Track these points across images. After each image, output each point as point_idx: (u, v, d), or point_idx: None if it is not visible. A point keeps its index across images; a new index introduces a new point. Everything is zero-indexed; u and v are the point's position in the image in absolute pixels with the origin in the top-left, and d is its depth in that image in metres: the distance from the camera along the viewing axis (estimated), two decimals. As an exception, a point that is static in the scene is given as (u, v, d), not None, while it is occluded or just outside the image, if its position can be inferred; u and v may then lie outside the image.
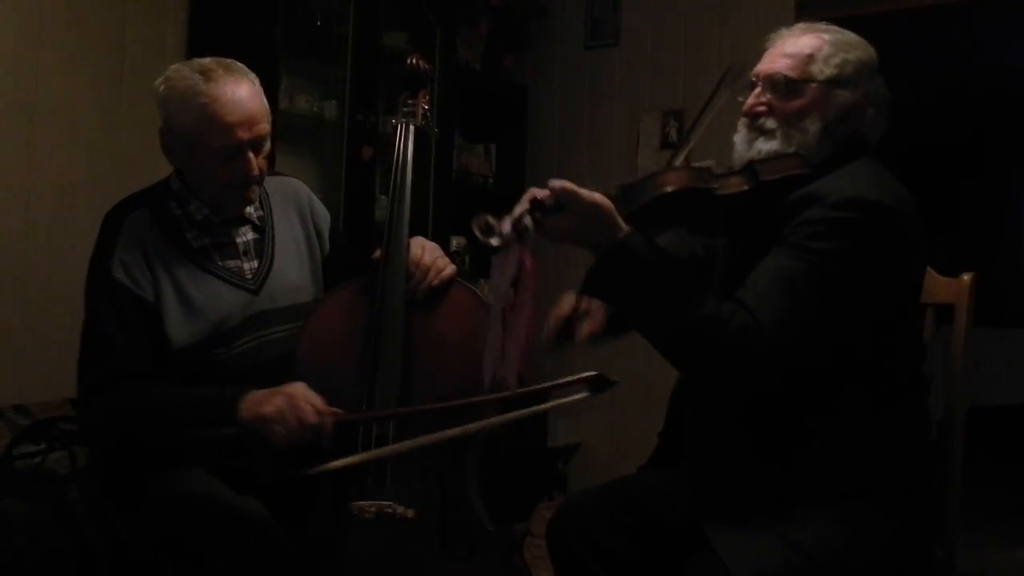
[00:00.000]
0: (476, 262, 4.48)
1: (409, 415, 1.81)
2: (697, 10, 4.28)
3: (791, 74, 1.70)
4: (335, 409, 1.75)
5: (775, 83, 1.72)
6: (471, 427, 1.77)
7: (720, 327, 1.49)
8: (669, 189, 1.59)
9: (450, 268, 1.97)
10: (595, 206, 1.53)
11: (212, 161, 1.88)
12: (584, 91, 4.62)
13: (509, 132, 4.71)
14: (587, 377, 1.73)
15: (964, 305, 1.90)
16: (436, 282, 1.93)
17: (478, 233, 1.51)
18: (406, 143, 2.05)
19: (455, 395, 1.80)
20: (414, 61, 2.10)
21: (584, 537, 1.84)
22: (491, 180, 4.63)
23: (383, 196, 3.83)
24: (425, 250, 1.96)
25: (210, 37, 3.38)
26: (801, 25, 1.81)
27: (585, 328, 1.87)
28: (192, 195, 1.95)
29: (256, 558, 1.69)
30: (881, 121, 1.76)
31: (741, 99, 1.78)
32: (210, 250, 1.95)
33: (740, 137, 1.74)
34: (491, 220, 1.52)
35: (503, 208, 1.59)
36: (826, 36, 1.74)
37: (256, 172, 1.90)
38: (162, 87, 1.90)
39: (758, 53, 1.80)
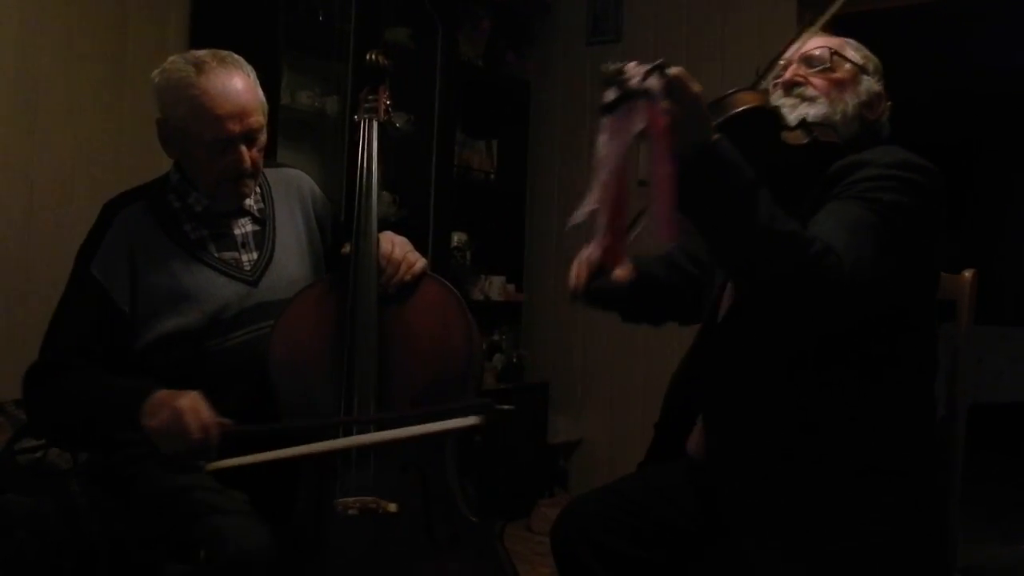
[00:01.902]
0: (476, 258, 4.49)
1: (292, 431, 1.82)
2: (699, 7, 4.28)
3: (832, 49, 1.78)
4: (224, 420, 1.75)
5: (815, 58, 1.78)
6: (374, 436, 1.80)
7: (807, 244, 1.47)
8: (752, 104, 1.62)
9: (421, 262, 1.97)
10: (701, 100, 1.47)
11: (204, 153, 1.89)
12: (586, 87, 4.62)
13: (511, 128, 4.72)
14: (480, 404, 1.79)
15: (966, 302, 1.90)
16: (408, 277, 1.94)
17: (612, 75, 1.40)
18: (370, 139, 2.04)
19: (432, 388, 1.85)
20: (373, 57, 2.10)
21: (587, 540, 1.84)
22: (493, 176, 4.64)
23: (385, 192, 3.83)
24: (395, 245, 1.96)
25: (212, 32, 3.38)
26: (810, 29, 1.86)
27: (621, 271, 1.86)
28: (191, 187, 1.96)
29: (239, 551, 1.69)
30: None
31: (764, 85, 1.80)
32: (207, 241, 1.96)
33: (779, 103, 1.75)
34: (624, 67, 1.40)
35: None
36: (844, 38, 1.82)
37: (248, 165, 1.90)
38: (158, 78, 1.92)
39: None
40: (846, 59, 1.78)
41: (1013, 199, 8.20)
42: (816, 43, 1.81)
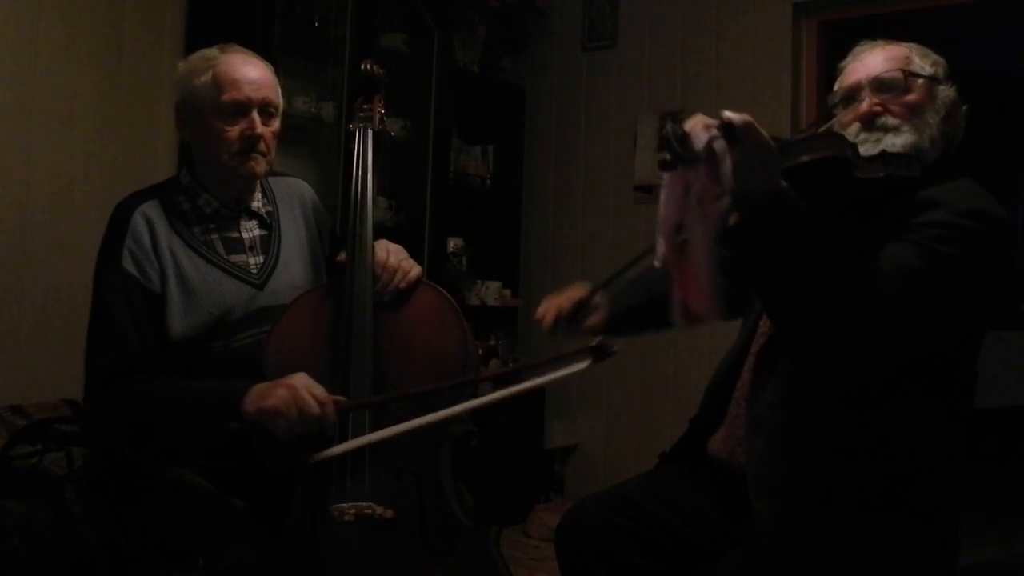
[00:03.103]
0: (473, 263, 4.49)
1: (410, 397, 1.83)
2: (694, 12, 4.29)
3: (903, 69, 1.72)
4: (337, 397, 1.76)
5: (888, 82, 1.72)
6: (473, 403, 1.80)
7: (854, 302, 1.47)
8: (823, 153, 1.58)
9: (416, 270, 1.98)
10: (771, 148, 1.46)
11: (219, 121, 1.93)
12: (581, 93, 4.63)
13: (507, 134, 4.72)
14: (590, 347, 1.73)
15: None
16: (403, 284, 1.95)
17: (673, 142, 1.41)
18: (365, 148, 2.06)
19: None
20: (368, 67, 2.12)
21: (593, 544, 1.84)
22: (488, 182, 4.64)
23: (381, 198, 3.83)
24: (390, 253, 1.97)
25: (208, 37, 3.33)
26: (870, 42, 1.83)
27: (592, 319, 1.92)
28: (202, 188, 1.99)
29: (238, 559, 1.69)
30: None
31: (836, 115, 1.77)
32: (216, 243, 1.98)
33: (859, 140, 1.71)
34: (689, 131, 1.41)
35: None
36: (906, 44, 1.76)
37: (259, 132, 1.95)
38: (182, 64, 2.01)
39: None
40: (918, 76, 1.73)
41: (1009, 202, 8.22)
42: (881, 60, 1.75)
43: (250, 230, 2.03)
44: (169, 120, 2.02)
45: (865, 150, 1.67)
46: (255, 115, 1.94)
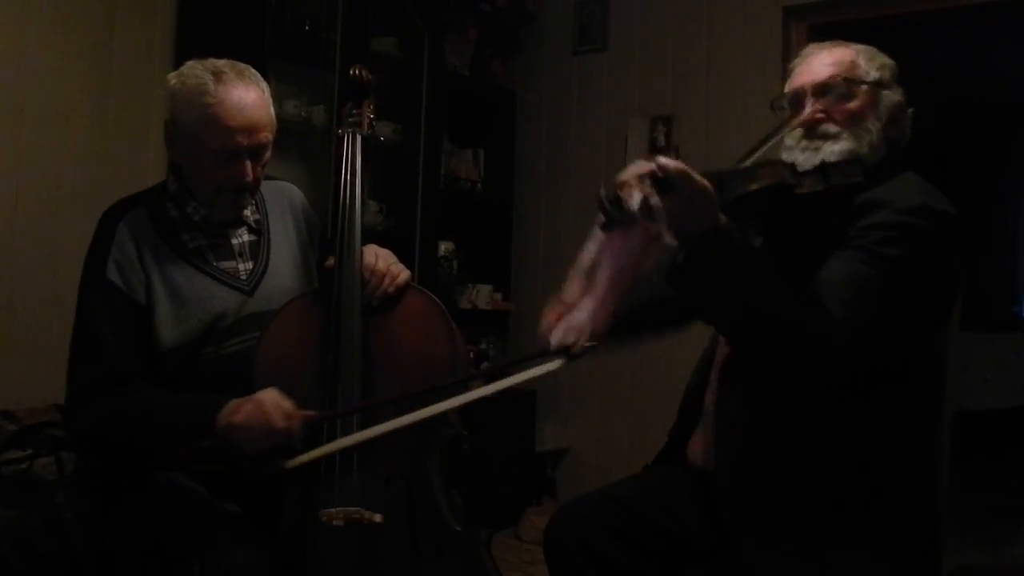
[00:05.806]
0: (464, 267, 4.49)
1: (378, 406, 1.83)
2: (684, 16, 4.30)
3: (845, 75, 1.75)
4: (306, 412, 1.77)
5: (830, 88, 1.75)
6: (446, 404, 1.79)
7: (807, 319, 1.51)
8: (763, 183, 1.62)
9: (404, 274, 1.98)
10: (705, 192, 1.49)
11: (209, 161, 1.90)
12: (572, 96, 4.64)
13: (497, 137, 4.72)
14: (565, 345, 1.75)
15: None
16: (391, 289, 1.95)
17: (608, 206, 1.47)
18: (353, 152, 2.05)
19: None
20: (357, 72, 2.12)
21: (582, 545, 1.84)
22: (479, 185, 4.64)
23: (371, 201, 3.83)
24: (379, 257, 1.97)
25: (198, 42, 3.38)
26: (818, 44, 1.85)
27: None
28: (190, 196, 1.97)
29: (235, 563, 1.69)
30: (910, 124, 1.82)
31: (780, 112, 1.81)
32: (205, 250, 1.97)
33: (800, 147, 1.74)
34: (621, 194, 1.47)
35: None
36: (855, 47, 1.79)
37: (249, 179, 1.92)
38: (174, 81, 1.93)
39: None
40: (861, 82, 1.75)
41: (999, 205, 8.25)
42: (826, 64, 1.77)
43: (240, 236, 2.03)
44: (160, 123, 2.00)
45: (805, 158, 1.71)
46: (246, 161, 1.91)
